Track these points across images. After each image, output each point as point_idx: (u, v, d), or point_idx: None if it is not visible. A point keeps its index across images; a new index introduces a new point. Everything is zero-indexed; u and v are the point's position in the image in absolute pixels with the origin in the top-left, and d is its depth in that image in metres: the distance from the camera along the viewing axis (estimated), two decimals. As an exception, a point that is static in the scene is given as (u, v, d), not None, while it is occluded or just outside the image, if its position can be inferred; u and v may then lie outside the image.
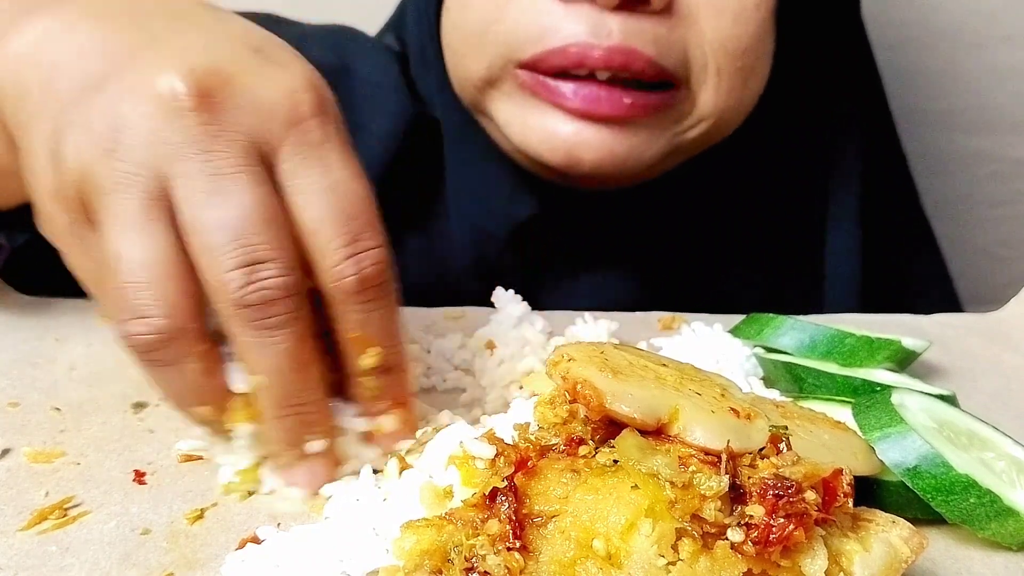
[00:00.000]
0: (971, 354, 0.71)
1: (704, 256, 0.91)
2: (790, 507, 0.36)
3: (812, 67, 0.89)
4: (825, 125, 0.92)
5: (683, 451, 0.39)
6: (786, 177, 0.92)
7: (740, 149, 0.85)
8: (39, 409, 0.56)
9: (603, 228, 0.86)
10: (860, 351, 0.61)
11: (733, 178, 0.89)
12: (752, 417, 0.42)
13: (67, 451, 0.52)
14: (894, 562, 0.39)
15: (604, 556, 0.36)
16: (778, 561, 0.36)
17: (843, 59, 0.92)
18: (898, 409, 0.49)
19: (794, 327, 0.63)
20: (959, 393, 0.58)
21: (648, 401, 0.40)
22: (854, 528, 0.40)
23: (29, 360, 0.61)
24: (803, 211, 0.93)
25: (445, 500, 0.43)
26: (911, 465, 0.47)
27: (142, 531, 0.46)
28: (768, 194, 0.92)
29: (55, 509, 0.46)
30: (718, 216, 0.91)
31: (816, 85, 0.91)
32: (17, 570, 0.42)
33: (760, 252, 0.93)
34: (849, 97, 0.93)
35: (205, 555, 0.44)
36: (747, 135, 0.82)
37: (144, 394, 0.58)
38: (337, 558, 0.42)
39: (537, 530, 0.37)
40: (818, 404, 0.54)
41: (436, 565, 0.37)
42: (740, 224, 0.92)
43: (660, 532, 0.35)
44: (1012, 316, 0.78)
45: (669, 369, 0.46)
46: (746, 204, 0.92)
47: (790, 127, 0.90)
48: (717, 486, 0.36)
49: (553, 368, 0.43)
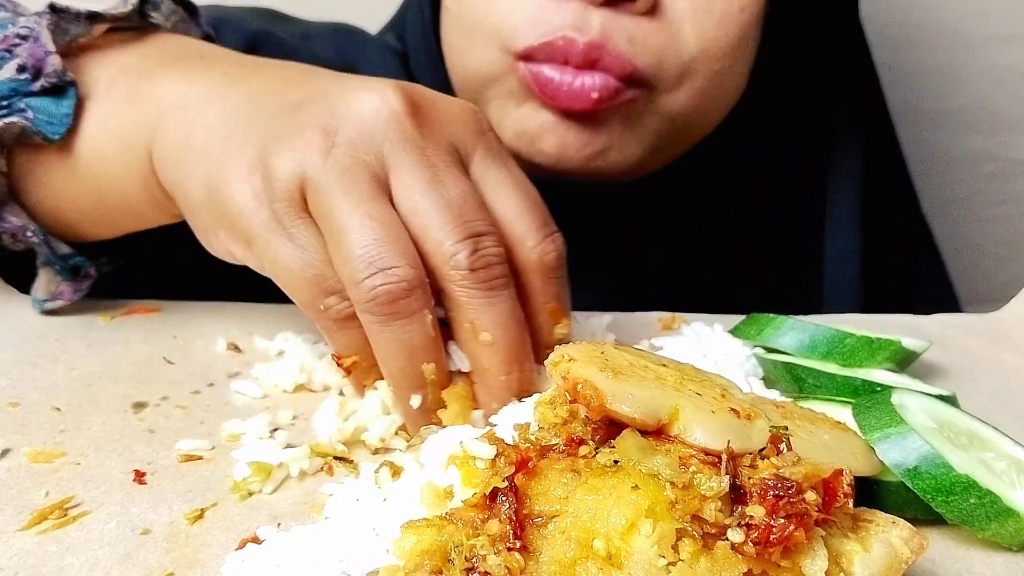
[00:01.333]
0: (971, 354, 0.71)
1: (704, 256, 0.91)
2: (790, 507, 0.36)
3: (811, 67, 0.89)
4: (824, 126, 0.93)
5: (683, 451, 0.39)
6: (786, 177, 0.93)
7: (740, 149, 0.85)
8: (39, 409, 0.56)
9: (603, 228, 0.86)
10: (860, 351, 0.61)
11: (733, 178, 0.90)
12: (752, 417, 0.42)
13: (67, 451, 0.52)
14: (894, 562, 0.39)
15: (604, 556, 0.36)
16: (778, 561, 0.36)
17: (842, 59, 0.92)
18: (898, 409, 0.49)
19: (794, 327, 0.63)
20: (959, 393, 0.58)
21: (648, 401, 0.40)
22: (854, 528, 0.40)
23: (29, 360, 0.61)
24: (803, 211, 0.93)
25: (445, 500, 0.43)
26: (911, 465, 0.47)
27: (142, 531, 0.46)
28: (768, 194, 0.92)
29: (55, 509, 0.46)
30: (718, 216, 0.91)
31: (815, 85, 0.91)
32: (17, 570, 0.42)
33: (760, 252, 0.93)
34: (848, 97, 0.93)
35: (205, 555, 0.44)
36: (747, 135, 0.82)
37: (144, 394, 0.58)
38: (337, 558, 0.42)
39: (537, 530, 0.37)
40: (818, 404, 0.54)
41: (436, 565, 0.37)
42: (740, 224, 0.92)
43: (660, 532, 0.35)
44: (1012, 316, 0.78)
45: (669, 369, 0.46)
46: (746, 204, 0.92)
47: (790, 127, 0.90)
48: (717, 486, 0.36)
49: (553, 368, 0.43)
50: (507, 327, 0.51)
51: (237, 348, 0.64)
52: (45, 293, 0.66)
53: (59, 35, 0.60)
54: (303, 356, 0.61)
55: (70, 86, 0.60)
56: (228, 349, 0.64)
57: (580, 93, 0.70)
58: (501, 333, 0.51)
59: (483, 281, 0.50)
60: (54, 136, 0.59)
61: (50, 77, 0.59)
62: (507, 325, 0.51)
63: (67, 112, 0.59)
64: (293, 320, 0.67)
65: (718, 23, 0.72)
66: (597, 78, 0.70)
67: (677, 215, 0.88)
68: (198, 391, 0.59)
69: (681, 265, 0.90)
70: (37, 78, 0.59)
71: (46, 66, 0.59)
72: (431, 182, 0.51)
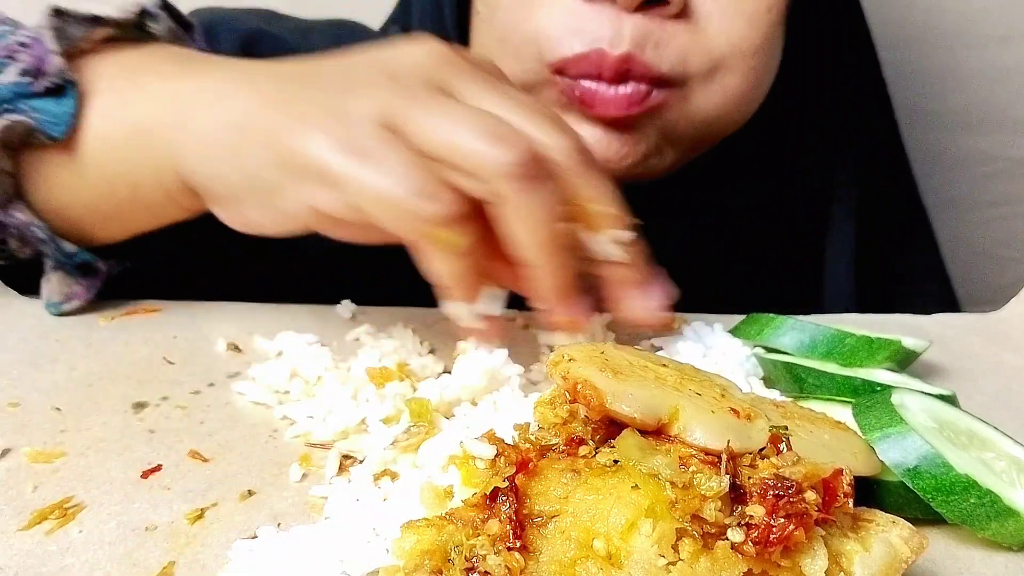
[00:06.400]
0: (971, 354, 0.71)
1: (704, 256, 0.91)
2: (790, 507, 0.36)
3: (815, 66, 0.89)
4: (828, 125, 0.92)
5: (683, 451, 0.39)
6: (788, 177, 0.92)
7: (741, 148, 0.85)
8: (39, 409, 0.56)
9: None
10: (860, 351, 0.61)
11: (734, 178, 0.89)
12: (752, 417, 0.42)
13: (67, 451, 0.52)
14: (894, 562, 0.39)
15: (604, 556, 0.36)
16: (778, 561, 0.36)
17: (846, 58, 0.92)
18: (898, 409, 0.49)
19: (794, 327, 0.63)
20: (959, 393, 0.58)
21: (648, 401, 0.40)
22: (854, 528, 0.40)
23: (29, 360, 0.61)
24: (804, 211, 0.93)
25: (445, 500, 0.43)
26: (911, 465, 0.47)
27: (142, 531, 0.46)
28: (769, 194, 0.92)
29: (55, 509, 0.46)
30: (718, 216, 0.91)
31: (819, 84, 0.91)
32: (17, 570, 0.42)
33: (761, 252, 0.93)
34: (852, 97, 0.93)
35: (205, 555, 0.44)
36: (749, 135, 0.82)
37: (144, 394, 0.58)
38: (337, 558, 0.42)
39: (537, 530, 0.37)
40: (818, 404, 0.54)
41: (436, 565, 0.37)
42: (741, 224, 0.92)
43: (660, 532, 0.35)
44: (1012, 316, 0.78)
45: (669, 369, 0.46)
46: (747, 204, 0.92)
47: (792, 127, 0.90)
48: (717, 486, 0.36)
49: (553, 368, 0.43)
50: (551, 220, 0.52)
51: (237, 348, 0.64)
52: (60, 296, 0.67)
53: (61, 38, 0.61)
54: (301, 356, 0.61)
55: (71, 86, 0.60)
56: (228, 349, 0.64)
57: (615, 100, 0.71)
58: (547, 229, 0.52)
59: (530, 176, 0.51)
60: (58, 135, 0.60)
61: (52, 77, 0.60)
62: (551, 217, 0.52)
63: (68, 111, 0.60)
64: (293, 320, 0.68)
65: (748, 23, 0.72)
66: (629, 87, 0.71)
67: (677, 215, 0.88)
68: (198, 391, 0.59)
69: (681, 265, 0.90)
70: (38, 79, 0.60)
71: (47, 65, 0.60)
72: (484, 98, 0.54)
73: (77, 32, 0.62)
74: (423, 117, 0.52)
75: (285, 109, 0.55)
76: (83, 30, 0.62)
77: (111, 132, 0.61)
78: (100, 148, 0.61)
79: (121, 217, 0.65)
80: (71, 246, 0.65)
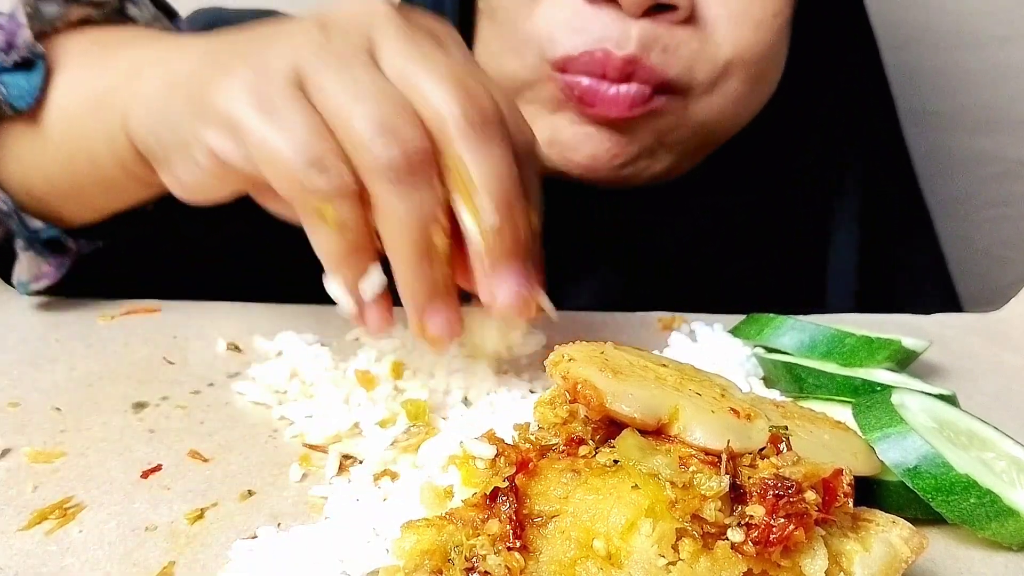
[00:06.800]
0: (971, 354, 0.71)
1: (705, 256, 0.91)
2: (790, 507, 0.36)
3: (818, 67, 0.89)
4: (830, 126, 0.92)
5: (683, 451, 0.39)
6: (790, 177, 0.92)
7: (744, 148, 0.85)
8: (39, 409, 0.56)
9: (603, 228, 0.86)
10: (860, 351, 0.61)
11: (735, 178, 0.89)
12: (752, 417, 0.42)
13: (67, 451, 0.52)
14: (894, 562, 0.39)
15: (604, 556, 0.36)
16: (778, 561, 0.36)
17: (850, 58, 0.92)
18: (898, 409, 0.49)
19: (794, 327, 0.63)
20: (959, 393, 0.58)
21: (648, 401, 0.40)
22: (854, 528, 0.40)
23: (29, 360, 0.61)
24: (806, 211, 0.93)
25: (445, 500, 0.43)
26: (911, 465, 0.47)
27: (142, 531, 0.46)
28: (771, 194, 0.92)
29: (55, 509, 0.46)
30: (719, 216, 0.91)
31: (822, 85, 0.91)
32: (17, 570, 0.42)
33: (761, 252, 0.93)
34: (855, 97, 0.93)
35: (205, 555, 0.44)
36: (752, 134, 0.82)
37: (144, 394, 0.58)
38: (337, 558, 0.42)
39: (537, 530, 0.37)
40: (818, 404, 0.54)
41: (436, 565, 0.37)
42: (741, 224, 0.92)
43: (660, 532, 0.35)
44: (1012, 316, 0.78)
45: (669, 369, 0.46)
46: (748, 204, 0.92)
47: (795, 127, 0.90)
48: (717, 486, 0.36)
49: (553, 368, 0.43)
50: (507, 169, 0.51)
51: (237, 348, 0.64)
52: (28, 275, 0.67)
53: (36, 17, 0.62)
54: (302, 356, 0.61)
55: (39, 59, 0.61)
56: (228, 349, 0.64)
57: (616, 100, 0.71)
58: (506, 178, 0.51)
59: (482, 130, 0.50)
60: (22, 106, 0.61)
61: (20, 51, 0.61)
62: (508, 165, 0.51)
63: (36, 84, 0.61)
64: (293, 320, 0.68)
65: (755, 28, 0.72)
66: (633, 87, 0.71)
67: (677, 215, 0.88)
68: (198, 391, 0.59)
69: (681, 265, 0.90)
70: (8, 54, 0.61)
71: (17, 39, 0.61)
72: (414, 50, 0.52)
73: (52, 11, 0.63)
74: (330, 82, 0.50)
75: (217, 63, 0.53)
76: (58, 9, 0.63)
77: (72, 104, 0.61)
78: (61, 118, 0.62)
79: (83, 194, 0.65)
80: (37, 222, 0.66)
